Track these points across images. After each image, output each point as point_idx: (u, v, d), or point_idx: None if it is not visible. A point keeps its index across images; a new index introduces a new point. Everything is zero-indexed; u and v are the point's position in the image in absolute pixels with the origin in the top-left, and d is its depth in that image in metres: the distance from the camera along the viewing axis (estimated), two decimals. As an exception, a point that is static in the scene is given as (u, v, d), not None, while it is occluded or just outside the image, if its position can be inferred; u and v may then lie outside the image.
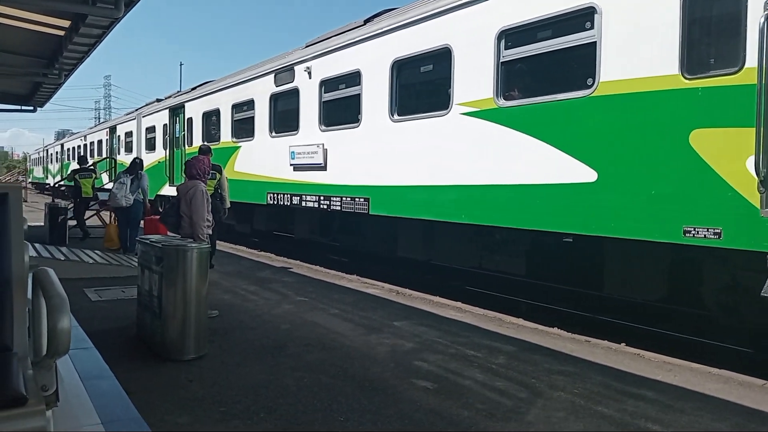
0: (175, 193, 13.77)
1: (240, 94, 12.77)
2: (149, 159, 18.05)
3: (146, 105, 20.77)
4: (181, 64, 47.79)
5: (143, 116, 19.52)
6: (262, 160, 11.82)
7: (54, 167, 38.25)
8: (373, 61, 8.81)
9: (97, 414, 3.03)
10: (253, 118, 12.19)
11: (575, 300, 7.15)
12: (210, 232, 6.45)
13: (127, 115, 23.18)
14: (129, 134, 21.02)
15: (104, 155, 24.23)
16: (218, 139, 13.58)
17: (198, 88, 15.86)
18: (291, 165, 10.63)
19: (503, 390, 4.27)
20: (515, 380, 4.48)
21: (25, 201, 27.82)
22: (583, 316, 6.84)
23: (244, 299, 7.38)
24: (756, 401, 4.18)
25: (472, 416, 3.79)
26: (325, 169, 9.80)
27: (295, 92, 10.70)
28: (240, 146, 12.73)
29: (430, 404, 3.97)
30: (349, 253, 11.12)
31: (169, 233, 6.93)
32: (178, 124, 16.38)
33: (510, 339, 5.71)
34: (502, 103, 6.75)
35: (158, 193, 17.09)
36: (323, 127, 9.98)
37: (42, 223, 13.24)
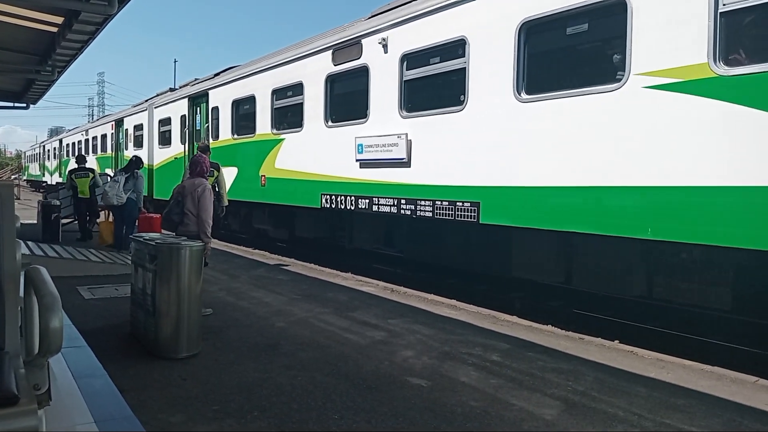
0: None
1: (284, 77, 10.69)
2: (163, 155, 16.35)
3: (159, 95, 18.68)
4: (175, 61, 47.56)
5: (156, 107, 17.31)
6: (315, 155, 9.82)
7: (51, 164, 36.20)
8: (488, 25, 6.75)
9: (90, 412, 3.02)
10: (301, 104, 10.10)
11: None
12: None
13: (136, 106, 20.85)
14: (139, 127, 18.81)
15: (109, 151, 22.49)
16: (253, 131, 11.68)
17: (224, 73, 13.85)
18: (357, 161, 8.65)
19: (497, 387, 4.28)
20: (509, 378, 4.50)
21: (18, 198, 27.69)
22: (576, 314, 6.86)
23: (238, 297, 7.36)
24: (748, 398, 4.21)
25: (466, 414, 3.79)
26: (409, 166, 7.85)
27: (363, 71, 8.72)
28: (283, 139, 10.67)
29: (425, 402, 3.98)
30: (428, 269, 9.00)
31: (163, 231, 6.90)
32: (199, 115, 14.41)
33: (504, 336, 5.73)
34: (724, 70, 4.79)
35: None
36: (405, 113, 7.99)
37: (35, 221, 13.19)
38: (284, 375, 4.48)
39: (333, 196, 9.34)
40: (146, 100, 19.92)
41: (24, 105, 16.71)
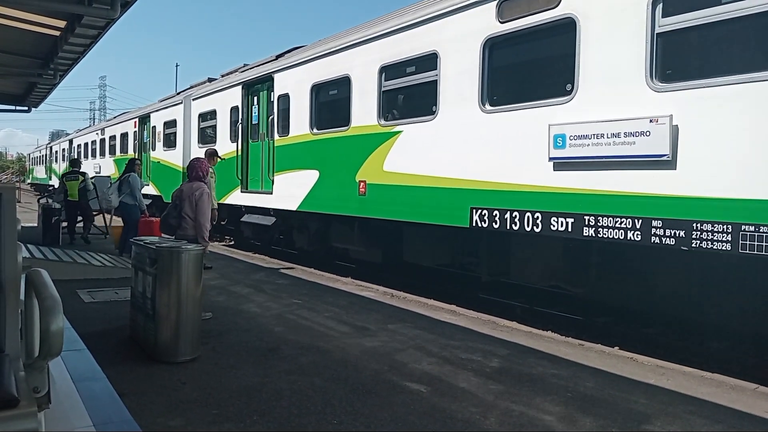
0: (247, 202, 11.92)
1: (400, 47, 7.90)
2: None
3: (196, 85, 16.44)
4: (177, 65, 47.76)
5: (195, 99, 14.79)
6: (460, 152, 7.02)
7: (60, 167, 33.42)
8: None
9: (89, 416, 3.02)
10: (434, 84, 7.32)
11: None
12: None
13: (165, 100, 18.18)
14: (171, 124, 16.24)
15: (130, 152, 19.67)
16: (345, 123, 8.95)
17: (293, 54, 11.10)
18: (552, 159, 5.92)
19: (497, 393, 4.27)
20: (509, 383, 4.49)
21: (19, 202, 27.71)
22: (576, 320, 6.85)
23: (237, 301, 7.36)
24: (748, 405, 4.20)
25: (465, 419, 3.79)
26: (673, 167, 5.02)
27: (562, 25, 5.88)
28: (398, 132, 7.92)
29: (424, 407, 3.97)
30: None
31: (163, 235, 6.90)
32: (258, 106, 11.89)
33: (504, 342, 5.72)
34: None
35: (224, 201, 12.62)
36: (664, 85, 5.14)
37: (36, 224, 13.20)
38: (284, 379, 4.47)
39: (494, 213, 6.49)
40: (179, 93, 17.82)
41: (26, 108, 16.78)
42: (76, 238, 12.95)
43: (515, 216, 6.32)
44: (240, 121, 12.32)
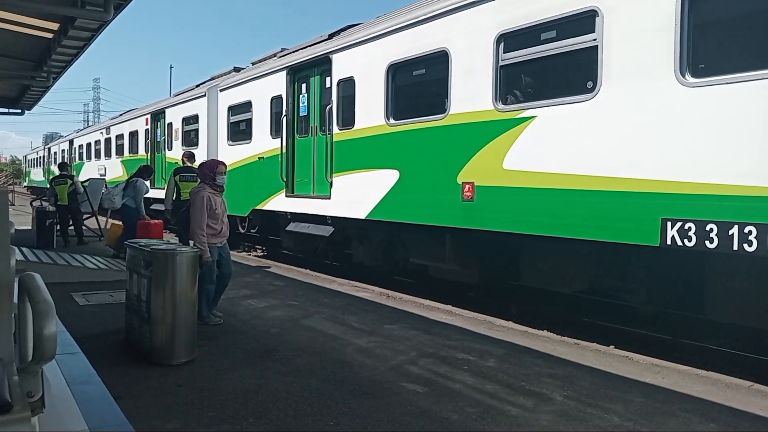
0: (293, 207, 10.23)
1: (533, 5, 6.07)
2: (238, 154, 11.91)
3: (218, 76, 14.74)
4: (171, 67, 47.67)
5: (222, 90, 12.94)
6: (644, 142, 5.22)
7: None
8: None
9: (84, 420, 3.00)
10: (592, 50, 5.59)
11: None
12: (214, 240, 6.13)
13: (181, 93, 16.16)
14: (191, 120, 14.48)
15: (141, 152, 17.93)
16: (440, 111, 7.24)
17: (356, 29, 9.44)
18: None
19: (493, 393, 4.28)
20: (505, 383, 4.49)
21: (12, 204, 27.62)
22: (570, 319, 6.86)
23: (233, 303, 7.34)
24: (743, 403, 4.22)
25: (462, 419, 3.79)
26: None
27: None
28: (529, 118, 6.13)
29: (421, 408, 3.97)
30: None
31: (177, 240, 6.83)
32: (309, 94, 10.02)
33: (500, 342, 5.73)
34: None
35: (262, 207, 11.06)
36: None
37: (29, 227, 13.16)
38: (280, 381, 4.47)
39: (713, 227, 4.69)
40: (199, 84, 15.55)
41: (19, 111, 16.70)
42: (70, 241, 12.93)
43: (750, 231, 4.47)
44: (285, 113, 10.39)
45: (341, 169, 9.04)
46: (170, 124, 15.81)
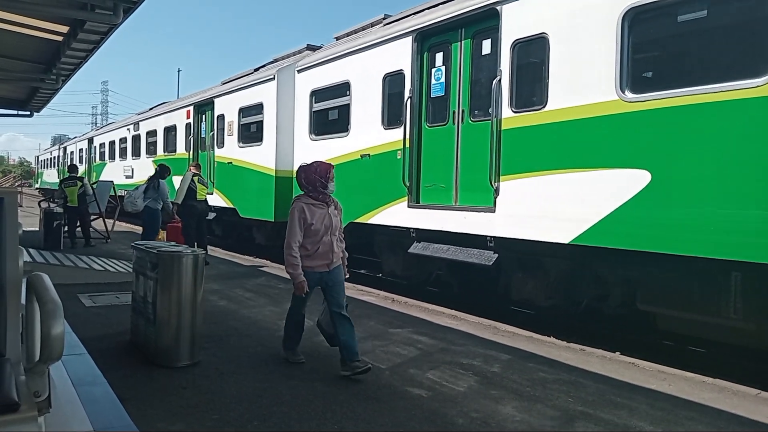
0: (422, 223, 7.66)
1: None
2: (327, 151, 9.49)
3: (281, 58, 12.42)
4: (179, 71, 47.93)
5: (301, 70, 10.60)
6: None
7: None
8: None
9: (89, 420, 3.01)
10: None
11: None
12: (310, 263, 5.04)
13: (236, 79, 13.31)
14: (252, 110, 11.97)
15: (180, 151, 15.57)
16: (753, 73, 4.55)
17: None
18: None
19: (498, 398, 4.26)
20: (510, 389, 4.48)
21: (21, 206, 27.72)
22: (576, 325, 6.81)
23: (239, 306, 7.35)
24: (751, 411, 4.18)
25: (467, 424, 3.78)
26: None
27: None
28: None
29: (425, 412, 3.96)
30: None
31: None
32: (447, 67, 7.65)
33: (505, 347, 5.71)
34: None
35: (366, 220, 8.81)
36: None
37: (37, 228, 13.25)
38: (284, 384, 4.47)
39: None
40: (265, 65, 12.77)
41: (28, 113, 16.83)
42: (77, 242, 13.01)
43: None
44: (410, 95, 7.95)
45: (517, 169, 6.58)
46: (221, 117, 13.32)
